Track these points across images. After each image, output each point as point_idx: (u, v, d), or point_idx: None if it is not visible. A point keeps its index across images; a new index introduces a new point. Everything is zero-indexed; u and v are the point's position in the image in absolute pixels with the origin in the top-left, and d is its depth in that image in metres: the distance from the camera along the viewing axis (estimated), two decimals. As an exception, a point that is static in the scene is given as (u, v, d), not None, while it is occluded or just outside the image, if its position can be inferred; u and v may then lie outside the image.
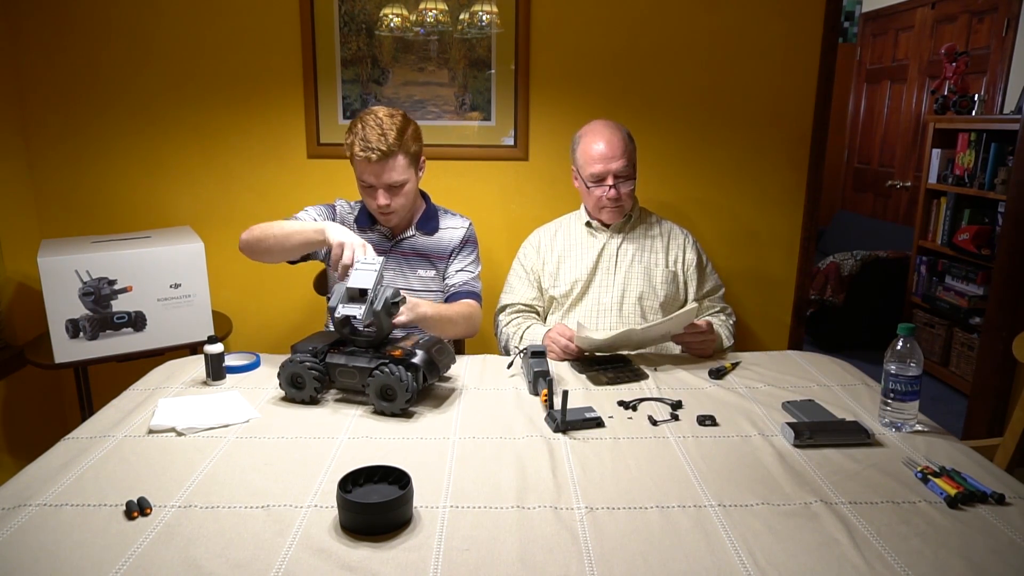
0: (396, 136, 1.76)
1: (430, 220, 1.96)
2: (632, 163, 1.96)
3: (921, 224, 3.95)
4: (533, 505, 1.10)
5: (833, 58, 2.45)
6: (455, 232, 1.98)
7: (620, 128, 1.98)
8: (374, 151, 1.74)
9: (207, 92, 2.44)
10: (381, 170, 1.77)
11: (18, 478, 1.18)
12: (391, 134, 1.76)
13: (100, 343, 2.03)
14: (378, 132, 1.75)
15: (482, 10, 2.40)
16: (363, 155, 1.74)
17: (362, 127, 1.77)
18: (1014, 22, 3.67)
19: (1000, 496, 1.12)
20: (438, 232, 1.96)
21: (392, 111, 1.82)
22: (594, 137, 1.95)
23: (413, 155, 1.83)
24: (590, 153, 1.94)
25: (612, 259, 2.01)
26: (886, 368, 1.36)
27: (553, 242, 2.07)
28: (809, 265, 2.61)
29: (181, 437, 1.34)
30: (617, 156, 1.92)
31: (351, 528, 1.03)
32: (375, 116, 1.78)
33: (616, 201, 1.95)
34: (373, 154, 1.74)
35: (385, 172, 1.78)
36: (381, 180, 1.79)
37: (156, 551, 0.98)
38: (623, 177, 1.94)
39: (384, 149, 1.74)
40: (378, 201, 1.81)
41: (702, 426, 1.39)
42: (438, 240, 1.96)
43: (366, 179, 1.80)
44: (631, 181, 1.97)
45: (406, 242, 1.94)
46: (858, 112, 5.22)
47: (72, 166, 2.47)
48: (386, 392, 1.43)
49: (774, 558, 0.97)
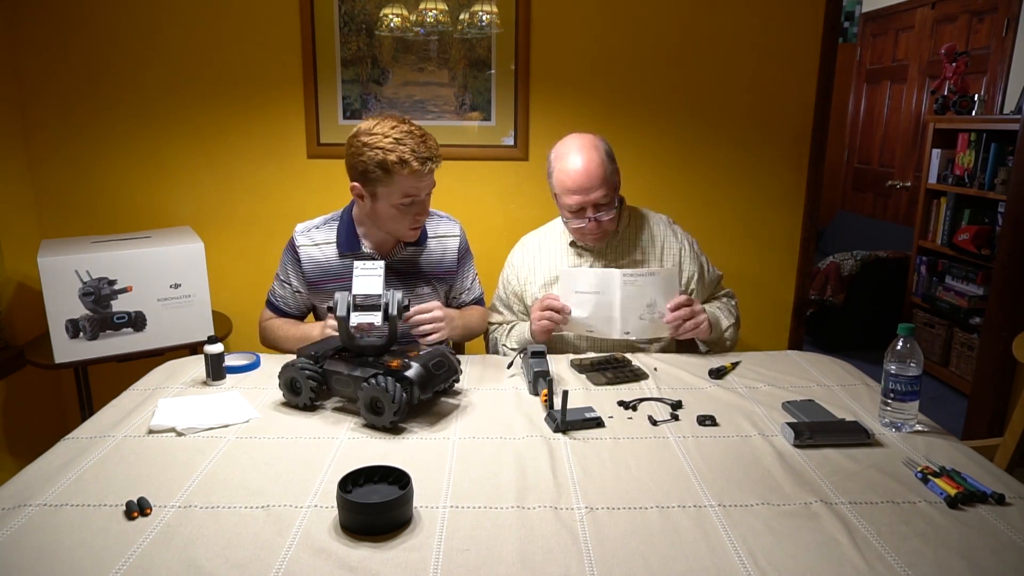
0: (433, 138, 1.66)
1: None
2: (613, 187, 1.79)
3: (921, 224, 3.95)
4: (533, 505, 1.10)
5: (833, 58, 2.45)
6: (448, 242, 1.87)
7: (597, 148, 1.77)
8: (434, 160, 1.62)
9: (207, 92, 2.44)
10: (431, 181, 1.67)
11: (18, 478, 1.18)
12: (430, 138, 1.65)
13: (100, 343, 2.03)
14: (421, 140, 1.62)
15: (482, 10, 2.40)
16: (422, 168, 1.60)
17: (397, 140, 1.59)
18: (1014, 22, 3.67)
19: (1000, 496, 1.12)
20: (428, 241, 1.84)
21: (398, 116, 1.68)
22: (568, 163, 1.75)
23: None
24: (565, 183, 1.75)
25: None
26: (886, 368, 1.36)
27: (536, 262, 1.93)
28: (809, 265, 2.61)
29: (181, 437, 1.34)
30: (595, 186, 1.73)
31: (351, 528, 1.03)
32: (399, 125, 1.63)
33: (597, 231, 1.81)
34: (434, 163, 1.63)
35: (432, 181, 1.68)
36: (427, 191, 1.68)
37: (156, 551, 0.98)
38: (604, 206, 1.77)
39: (439, 155, 1.64)
40: (421, 215, 1.70)
41: (702, 426, 1.39)
42: (430, 252, 1.84)
43: (414, 192, 1.64)
44: (612, 208, 1.79)
45: (397, 261, 1.80)
46: (858, 112, 5.22)
47: (72, 166, 2.47)
48: (375, 405, 1.35)
49: (774, 558, 0.97)
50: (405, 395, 1.34)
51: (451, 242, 1.88)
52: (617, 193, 1.84)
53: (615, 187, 1.81)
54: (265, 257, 2.54)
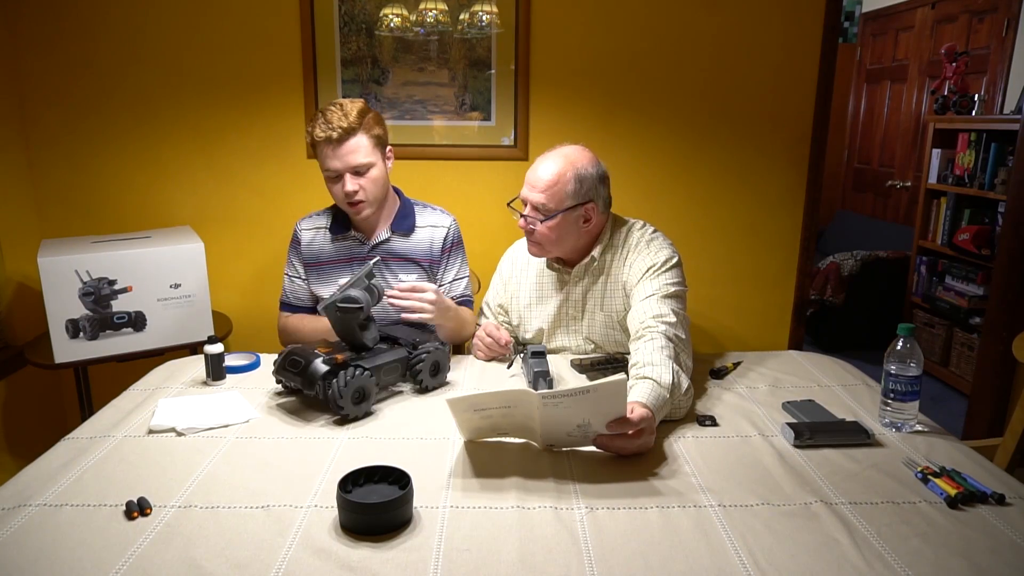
0: (357, 116, 1.73)
1: (406, 218, 1.88)
2: (559, 205, 1.64)
3: (921, 224, 3.95)
4: (533, 505, 1.10)
5: (833, 58, 2.45)
6: (436, 232, 1.89)
7: (576, 164, 1.65)
8: (335, 129, 1.70)
9: (208, 92, 2.43)
10: (344, 151, 1.72)
11: (18, 478, 1.18)
12: (352, 114, 1.72)
13: (100, 343, 2.03)
14: (339, 114, 1.72)
15: (482, 10, 2.40)
16: (323, 135, 1.71)
17: (321, 113, 1.74)
18: (1014, 22, 3.67)
19: (1000, 496, 1.12)
20: (416, 231, 1.88)
21: (353, 99, 1.79)
22: (541, 158, 1.70)
23: (377, 138, 1.77)
24: (527, 174, 1.71)
25: (578, 305, 1.78)
26: (886, 368, 1.36)
27: (522, 279, 1.87)
28: (809, 265, 2.61)
29: (181, 437, 1.34)
30: (539, 187, 1.65)
31: (351, 528, 1.03)
32: (334, 103, 1.76)
33: (528, 235, 1.72)
34: (334, 132, 1.70)
35: (348, 153, 1.73)
36: (345, 162, 1.73)
37: (156, 551, 0.98)
38: (539, 213, 1.66)
39: (345, 126, 1.70)
40: (345, 188, 1.75)
41: (702, 426, 1.39)
42: (417, 241, 1.88)
43: (330, 164, 1.74)
44: (543, 222, 1.66)
45: (382, 247, 1.86)
46: (858, 112, 5.22)
47: (72, 166, 2.47)
48: (434, 369, 1.57)
49: (774, 558, 0.97)
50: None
51: (439, 232, 1.90)
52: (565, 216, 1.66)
53: (563, 207, 1.65)
54: (265, 257, 2.54)
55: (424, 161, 2.49)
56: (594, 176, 1.68)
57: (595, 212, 1.70)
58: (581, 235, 1.72)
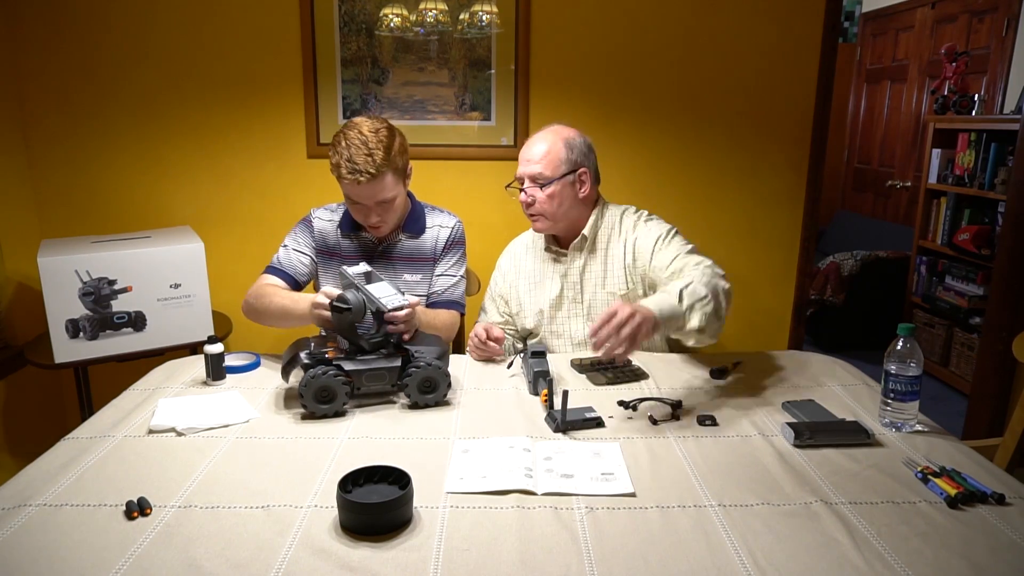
0: (383, 156, 1.67)
1: (417, 221, 1.90)
2: (555, 172, 1.76)
3: (921, 224, 3.95)
4: (533, 505, 1.10)
5: (833, 58, 2.45)
6: (442, 231, 1.92)
7: (563, 135, 1.80)
8: (362, 174, 1.66)
9: (207, 92, 2.44)
10: (371, 192, 1.70)
11: (18, 478, 1.18)
12: (378, 154, 1.67)
13: (100, 343, 2.03)
14: (364, 152, 1.66)
15: (482, 10, 2.40)
16: (351, 178, 1.66)
17: (347, 146, 1.67)
18: (1014, 22, 3.67)
19: (1000, 496, 1.12)
20: (425, 232, 1.90)
21: (376, 124, 1.72)
22: (531, 138, 1.83)
23: (401, 170, 1.76)
24: (520, 153, 1.84)
25: (576, 287, 1.86)
26: (886, 368, 1.36)
27: (520, 267, 1.95)
28: (809, 265, 2.61)
29: (181, 437, 1.34)
30: (533, 159, 1.77)
31: (351, 528, 1.03)
32: (359, 132, 1.68)
33: (528, 208, 1.80)
34: (362, 177, 1.66)
35: (375, 193, 1.71)
36: (371, 200, 1.73)
37: (156, 551, 0.98)
38: (538, 183, 1.76)
39: (373, 172, 1.66)
40: (369, 220, 1.77)
41: (702, 426, 1.39)
42: (423, 242, 1.90)
43: (354, 198, 1.74)
44: (542, 189, 1.76)
45: (392, 247, 1.88)
46: (858, 112, 5.22)
47: (72, 166, 2.47)
48: (425, 385, 1.47)
49: (774, 558, 0.97)
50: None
51: (444, 232, 1.93)
52: (563, 183, 1.77)
53: (559, 174, 1.76)
54: (265, 257, 2.52)
55: (424, 161, 2.49)
56: (582, 144, 1.82)
57: (588, 177, 1.82)
58: (576, 203, 1.83)
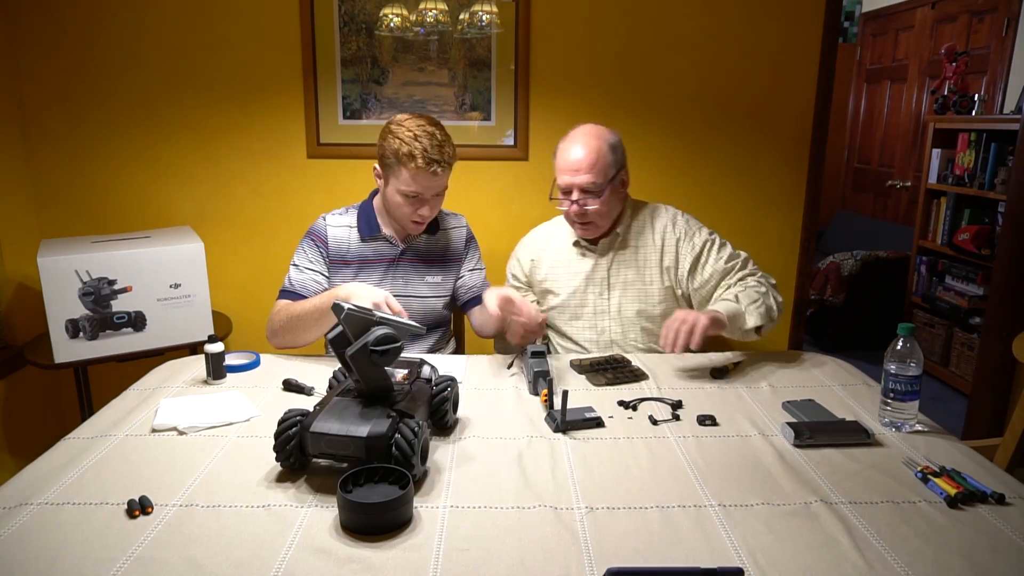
0: (452, 148, 1.74)
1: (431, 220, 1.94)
2: (605, 177, 1.76)
3: (921, 224, 3.96)
4: (533, 505, 1.10)
5: (833, 58, 2.45)
6: (458, 231, 1.96)
7: (600, 137, 1.79)
8: (440, 164, 1.70)
9: (207, 92, 2.44)
10: (439, 183, 1.75)
11: (19, 477, 1.18)
12: (448, 146, 1.73)
13: (100, 343, 2.03)
14: (437, 144, 1.70)
15: (482, 10, 2.40)
16: (428, 169, 1.68)
17: (415, 136, 1.68)
18: (1014, 22, 3.67)
19: (1000, 496, 1.12)
20: (439, 232, 1.94)
21: (427, 119, 1.76)
22: (569, 144, 1.79)
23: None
24: (559, 163, 1.80)
25: (604, 282, 1.88)
26: (886, 368, 1.36)
27: (540, 261, 1.95)
28: (809, 265, 2.61)
29: (182, 436, 1.34)
30: (583, 169, 1.74)
31: (351, 528, 1.03)
32: (419, 125, 1.71)
33: (582, 217, 1.80)
34: (439, 168, 1.70)
35: (441, 184, 1.76)
36: (436, 190, 1.76)
37: (157, 550, 0.98)
38: (590, 193, 1.76)
39: (449, 162, 1.72)
40: (422, 212, 1.77)
41: (702, 426, 1.39)
42: (445, 241, 1.94)
43: (417, 190, 1.73)
44: (598, 198, 1.77)
45: (413, 248, 1.89)
46: (858, 112, 5.22)
47: (72, 166, 2.47)
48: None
49: (774, 558, 0.97)
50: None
51: (459, 232, 1.97)
52: (612, 186, 1.79)
53: (609, 179, 1.77)
54: (265, 257, 2.55)
55: (424, 161, 2.49)
56: (619, 141, 1.83)
57: (627, 175, 1.85)
58: (619, 202, 1.85)
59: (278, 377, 1.61)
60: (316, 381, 1.59)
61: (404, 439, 1.12)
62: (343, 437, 1.14)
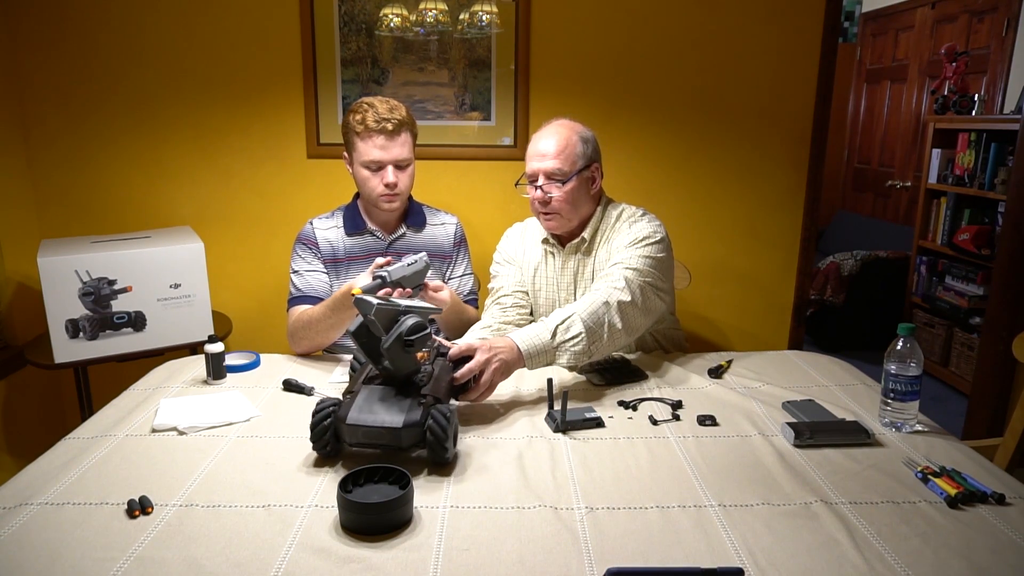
0: (406, 112, 1.81)
1: (418, 214, 1.97)
2: (573, 167, 1.70)
3: (921, 224, 3.95)
4: (533, 505, 1.10)
5: (833, 58, 2.45)
6: (446, 228, 1.99)
7: (574, 128, 1.74)
8: (390, 121, 1.76)
9: (207, 92, 2.44)
10: (393, 144, 1.79)
11: (19, 477, 1.18)
12: (402, 109, 1.80)
13: (100, 343, 2.03)
14: (387, 107, 1.78)
15: (482, 10, 2.40)
16: (377, 126, 1.75)
17: (367, 106, 1.78)
18: (1014, 22, 3.67)
19: (1000, 496, 1.12)
20: (427, 227, 1.96)
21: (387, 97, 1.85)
22: (540, 134, 1.75)
23: (414, 136, 1.86)
24: (528, 151, 1.76)
25: (570, 287, 1.82)
26: (886, 368, 1.36)
27: (519, 251, 1.92)
28: (809, 265, 2.61)
29: (182, 436, 1.34)
30: (549, 155, 1.70)
31: (351, 528, 1.03)
32: (378, 97, 1.82)
33: (545, 206, 1.72)
34: (389, 124, 1.76)
35: (396, 146, 1.79)
36: (393, 155, 1.79)
37: (157, 550, 0.99)
38: (554, 180, 1.70)
39: (398, 119, 1.77)
40: (386, 179, 1.80)
41: (702, 426, 1.39)
42: (432, 237, 1.96)
43: (375, 156, 1.78)
44: (562, 186, 1.70)
45: (399, 242, 1.92)
46: (858, 112, 5.22)
47: (72, 166, 2.47)
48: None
49: (774, 558, 0.97)
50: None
51: (449, 228, 1.99)
52: (579, 178, 1.72)
53: (576, 169, 1.71)
54: (265, 257, 2.54)
55: (424, 161, 2.49)
56: (593, 137, 1.78)
57: (598, 173, 1.79)
58: (588, 199, 1.78)
59: (278, 377, 1.61)
60: (316, 381, 1.59)
61: (438, 425, 1.19)
62: (379, 428, 1.19)
